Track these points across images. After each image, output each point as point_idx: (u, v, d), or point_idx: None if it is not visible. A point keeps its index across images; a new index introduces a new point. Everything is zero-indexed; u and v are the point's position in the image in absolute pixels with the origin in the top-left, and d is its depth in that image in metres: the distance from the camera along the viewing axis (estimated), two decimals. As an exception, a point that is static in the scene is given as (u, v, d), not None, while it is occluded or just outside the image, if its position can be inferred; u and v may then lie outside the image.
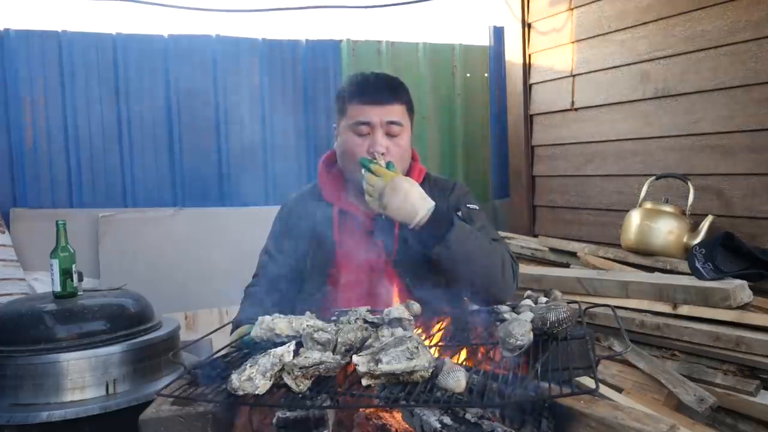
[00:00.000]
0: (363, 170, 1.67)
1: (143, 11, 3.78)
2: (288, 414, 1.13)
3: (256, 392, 1.11)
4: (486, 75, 4.53)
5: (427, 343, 1.36)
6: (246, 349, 1.38)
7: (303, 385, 1.11)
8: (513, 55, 4.14)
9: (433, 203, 1.64)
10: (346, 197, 1.86)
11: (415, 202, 1.61)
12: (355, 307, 1.53)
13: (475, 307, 1.69)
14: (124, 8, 3.75)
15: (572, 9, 3.68)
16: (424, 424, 1.12)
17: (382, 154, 1.71)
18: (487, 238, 1.74)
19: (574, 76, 3.70)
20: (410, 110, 1.83)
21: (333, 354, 1.19)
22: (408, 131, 1.80)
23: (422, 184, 1.82)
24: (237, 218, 3.75)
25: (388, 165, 1.69)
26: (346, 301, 1.70)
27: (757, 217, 2.77)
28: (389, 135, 1.74)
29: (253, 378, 1.11)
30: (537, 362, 1.16)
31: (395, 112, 1.76)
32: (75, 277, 2.11)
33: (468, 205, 1.85)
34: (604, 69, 3.49)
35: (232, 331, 1.65)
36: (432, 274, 1.71)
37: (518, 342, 1.19)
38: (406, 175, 1.77)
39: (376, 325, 1.35)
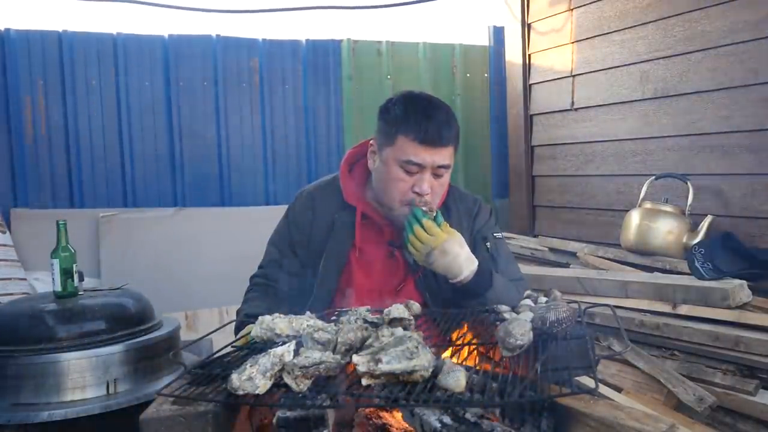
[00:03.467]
0: (411, 218, 1.63)
1: (143, 11, 3.78)
2: (288, 414, 1.14)
3: (256, 392, 1.11)
4: (486, 75, 4.53)
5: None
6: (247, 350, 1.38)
7: (303, 385, 1.11)
8: (513, 55, 4.14)
9: (476, 263, 1.65)
10: (368, 202, 1.80)
11: (461, 264, 1.62)
12: None
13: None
14: (124, 8, 3.75)
15: (572, 9, 3.69)
16: (424, 423, 1.12)
17: (431, 208, 1.65)
18: (513, 285, 1.75)
19: (573, 76, 3.70)
20: (458, 145, 1.74)
21: (333, 354, 1.19)
22: (451, 168, 1.73)
23: (447, 200, 1.83)
24: (237, 218, 3.75)
25: (437, 217, 1.65)
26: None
27: (756, 217, 2.77)
28: (435, 175, 1.68)
29: (253, 378, 1.11)
30: (537, 362, 1.16)
31: (447, 154, 1.67)
32: (76, 276, 2.11)
33: (495, 235, 1.86)
34: (604, 69, 3.49)
35: (237, 329, 1.64)
36: (454, 297, 1.70)
37: (518, 342, 1.19)
38: None
39: (376, 325, 1.35)
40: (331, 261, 1.77)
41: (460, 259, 1.62)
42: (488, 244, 1.82)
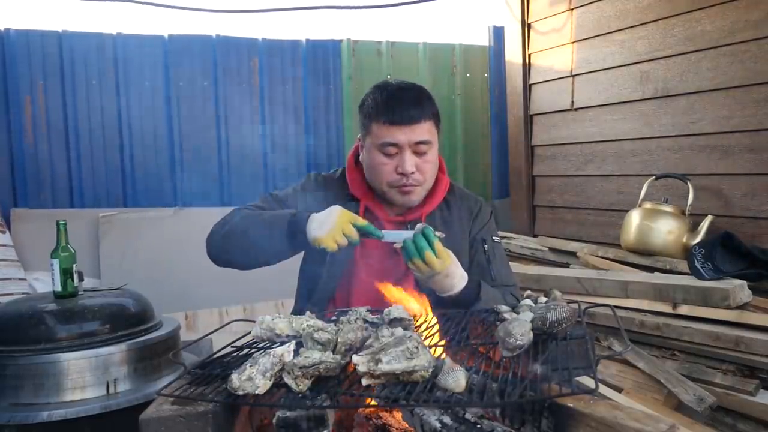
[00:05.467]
0: (422, 241, 1.56)
1: (143, 11, 3.78)
2: (288, 414, 1.14)
3: (256, 392, 1.11)
4: (486, 75, 4.54)
5: (427, 342, 1.36)
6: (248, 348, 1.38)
7: (303, 385, 1.11)
8: (513, 55, 4.14)
9: (467, 279, 1.65)
10: (372, 195, 1.81)
11: (455, 283, 1.62)
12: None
13: None
14: (124, 8, 3.76)
15: (572, 9, 3.69)
16: (424, 423, 1.12)
17: (436, 227, 1.62)
18: (505, 292, 1.75)
19: (573, 76, 3.70)
20: (437, 122, 1.75)
21: (333, 354, 1.19)
22: (436, 145, 1.75)
23: (448, 197, 1.84)
24: (237, 218, 3.75)
25: (429, 237, 1.58)
26: (358, 302, 1.68)
27: (756, 217, 2.77)
28: (417, 153, 1.69)
29: (253, 378, 1.11)
30: (537, 362, 1.16)
31: (423, 130, 1.69)
32: (75, 276, 2.11)
33: (494, 238, 1.86)
34: (604, 69, 3.49)
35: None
36: (442, 306, 1.68)
37: (518, 342, 1.19)
38: (433, 187, 1.78)
39: (376, 325, 1.35)
40: (336, 255, 1.75)
41: (455, 278, 1.62)
42: (486, 246, 1.83)
